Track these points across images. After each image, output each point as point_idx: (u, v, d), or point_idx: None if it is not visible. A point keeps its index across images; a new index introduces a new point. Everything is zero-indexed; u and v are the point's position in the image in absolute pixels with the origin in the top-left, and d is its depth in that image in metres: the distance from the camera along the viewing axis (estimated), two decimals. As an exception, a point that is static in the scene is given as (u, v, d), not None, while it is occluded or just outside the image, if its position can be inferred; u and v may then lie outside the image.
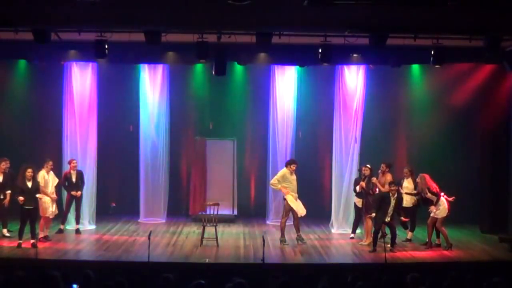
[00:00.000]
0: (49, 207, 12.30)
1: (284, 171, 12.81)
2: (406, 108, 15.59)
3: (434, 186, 12.25)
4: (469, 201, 13.10)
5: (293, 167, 12.74)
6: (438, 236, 12.44)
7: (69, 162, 13.35)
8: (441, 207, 12.14)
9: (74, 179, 13.26)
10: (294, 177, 12.74)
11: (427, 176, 12.36)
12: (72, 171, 13.25)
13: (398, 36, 12.08)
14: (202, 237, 12.35)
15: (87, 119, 14.05)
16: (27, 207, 11.81)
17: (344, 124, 14.12)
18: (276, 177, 12.88)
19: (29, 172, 11.89)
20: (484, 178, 14.41)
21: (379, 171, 12.86)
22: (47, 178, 12.44)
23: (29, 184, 11.88)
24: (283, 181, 12.67)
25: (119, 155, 15.40)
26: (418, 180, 12.42)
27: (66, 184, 13.25)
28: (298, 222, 12.71)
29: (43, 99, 15.00)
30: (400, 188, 12.74)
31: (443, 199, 12.19)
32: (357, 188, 12.97)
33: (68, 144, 13.93)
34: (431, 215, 12.26)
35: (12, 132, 14.88)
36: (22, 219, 11.82)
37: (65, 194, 13.43)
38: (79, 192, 13.28)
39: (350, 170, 13.95)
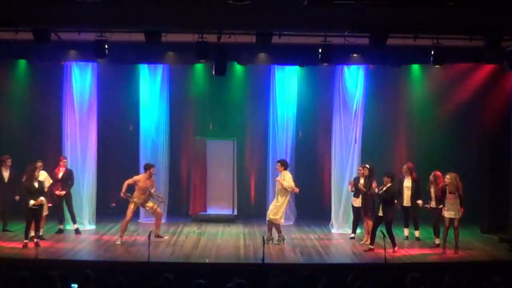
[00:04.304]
0: None
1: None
2: (406, 108, 15.58)
3: (461, 188, 11.89)
4: (469, 201, 13.04)
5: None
6: (438, 236, 12.39)
7: (60, 160, 13.27)
8: (456, 207, 11.80)
9: (60, 176, 13.12)
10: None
11: (457, 176, 11.90)
12: (61, 168, 13.17)
13: (398, 36, 12.07)
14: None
15: (87, 119, 14.03)
16: (33, 207, 11.79)
17: (344, 124, 14.12)
18: (291, 181, 12.60)
19: (37, 172, 11.93)
20: (484, 178, 14.40)
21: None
22: None
23: (36, 184, 11.90)
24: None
25: (119, 155, 15.40)
26: (448, 179, 11.85)
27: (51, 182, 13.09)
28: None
29: (43, 99, 15.00)
30: (401, 187, 12.86)
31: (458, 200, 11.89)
32: (349, 187, 13.08)
33: (68, 144, 13.91)
34: (446, 215, 11.89)
35: (12, 132, 14.88)
36: (28, 219, 11.80)
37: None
38: (63, 192, 13.11)
39: (350, 170, 13.95)
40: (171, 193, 15.11)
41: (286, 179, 12.52)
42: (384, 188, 11.93)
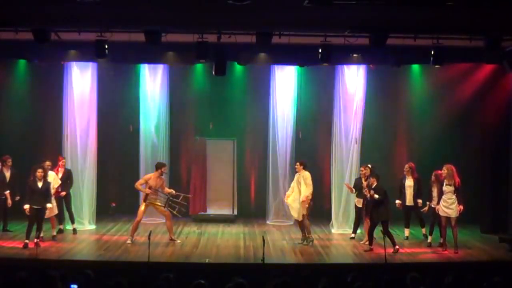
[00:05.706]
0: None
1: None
2: (406, 108, 15.58)
3: (458, 181, 11.85)
4: (469, 201, 13.07)
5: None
6: (443, 235, 12.35)
7: (58, 160, 13.25)
8: (454, 206, 11.79)
9: (59, 177, 13.05)
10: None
11: (454, 168, 11.90)
12: (60, 169, 13.16)
13: (398, 36, 12.09)
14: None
15: (87, 119, 14.03)
16: (35, 207, 11.78)
17: (344, 124, 14.11)
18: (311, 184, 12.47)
19: (39, 172, 11.87)
20: (484, 178, 14.40)
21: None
22: None
23: (39, 184, 11.87)
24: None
25: (119, 155, 15.41)
26: (444, 171, 11.86)
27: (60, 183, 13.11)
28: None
29: (43, 99, 15.02)
30: (403, 187, 12.87)
31: (456, 198, 11.86)
32: (348, 190, 13.18)
33: (68, 144, 13.91)
34: (441, 213, 11.93)
35: (12, 132, 14.88)
36: (30, 219, 11.79)
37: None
38: (63, 193, 13.03)
39: (350, 170, 13.95)
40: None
41: (308, 182, 12.36)
42: (373, 187, 11.90)
